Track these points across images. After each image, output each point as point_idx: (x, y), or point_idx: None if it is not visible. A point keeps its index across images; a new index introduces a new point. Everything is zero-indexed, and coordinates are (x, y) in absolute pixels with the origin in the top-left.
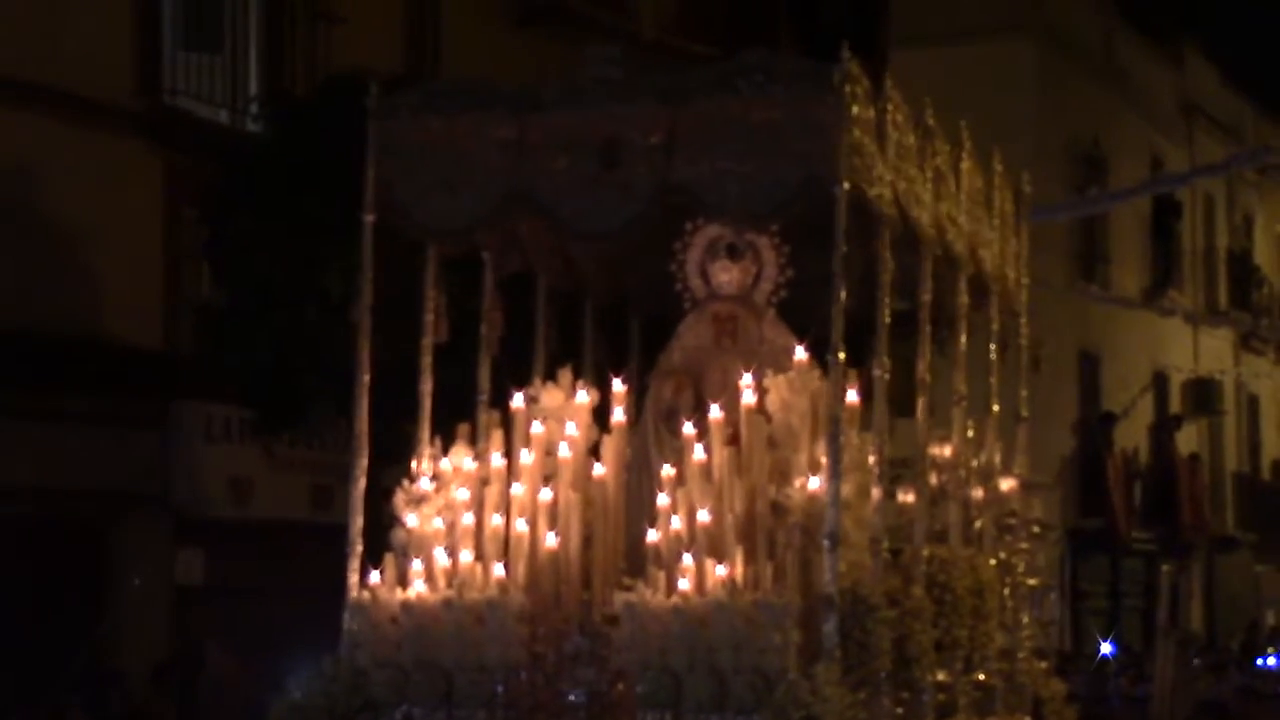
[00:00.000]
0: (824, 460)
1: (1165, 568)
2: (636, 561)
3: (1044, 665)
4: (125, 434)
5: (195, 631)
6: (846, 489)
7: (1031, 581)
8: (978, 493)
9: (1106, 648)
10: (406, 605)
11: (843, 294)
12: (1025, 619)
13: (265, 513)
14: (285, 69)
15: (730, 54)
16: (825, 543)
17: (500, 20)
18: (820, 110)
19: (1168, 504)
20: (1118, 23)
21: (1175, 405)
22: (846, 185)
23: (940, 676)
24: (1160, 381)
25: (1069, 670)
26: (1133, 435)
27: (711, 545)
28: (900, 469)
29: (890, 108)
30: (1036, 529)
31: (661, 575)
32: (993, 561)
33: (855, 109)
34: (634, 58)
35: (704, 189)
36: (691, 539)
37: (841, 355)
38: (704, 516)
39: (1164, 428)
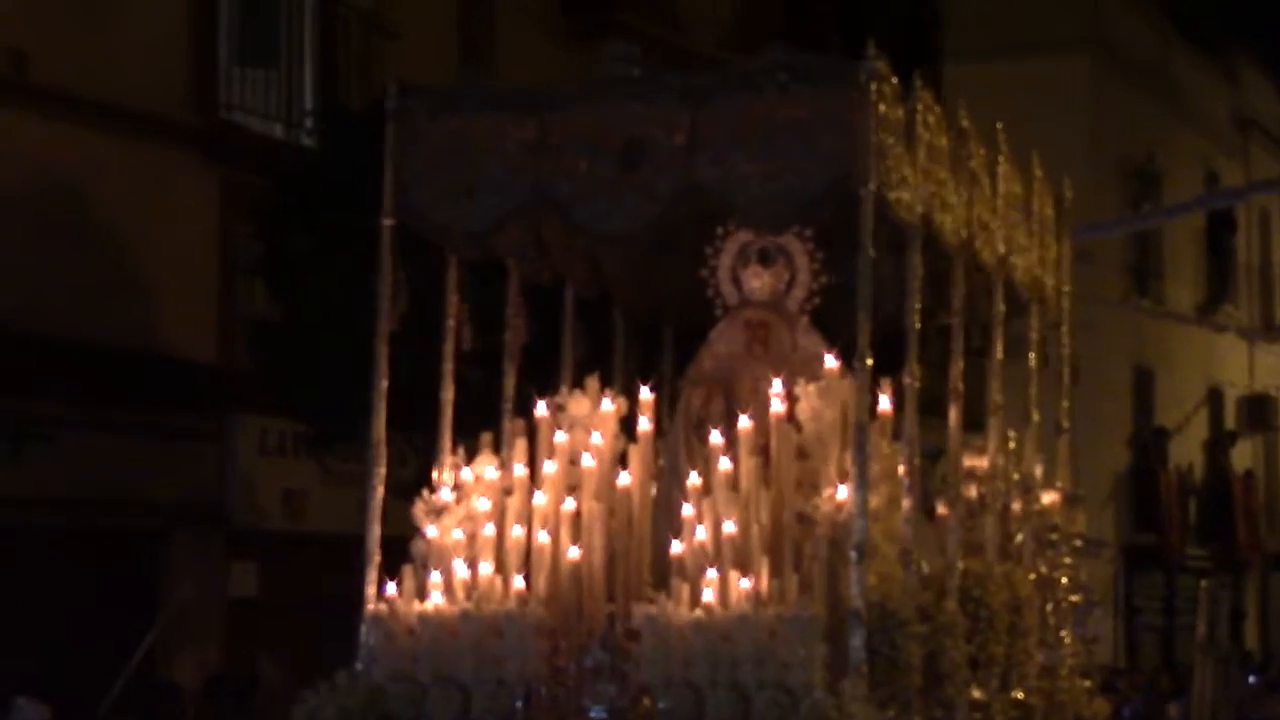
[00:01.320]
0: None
1: (1204, 583)
2: (664, 574)
3: (1088, 684)
4: (181, 448)
5: (248, 644)
6: (875, 500)
7: (1074, 597)
8: (1017, 505)
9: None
10: (424, 618)
11: (869, 299)
12: (1067, 636)
13: (318, 526)
14: (340, 83)
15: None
16: (852, 555)
17: (554, 35)
18: (846, 109)
19: (1222, 521)
20: (1173, 37)
21: (1230, 421)
22: (873, 187)
23: (976, 694)
24: (1215, 397)
25: (1120, 687)
26: (1187, 451)
27: (737, 557)
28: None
29: (921, 108)
30: (1079, 543)
31: (685, 588)
32: (1032, 576)
33: (883, 108)
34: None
35: (727, 191)
36: (716, 550)
37: (870, 362)
38: (730, 527)
39: (1219, 444)
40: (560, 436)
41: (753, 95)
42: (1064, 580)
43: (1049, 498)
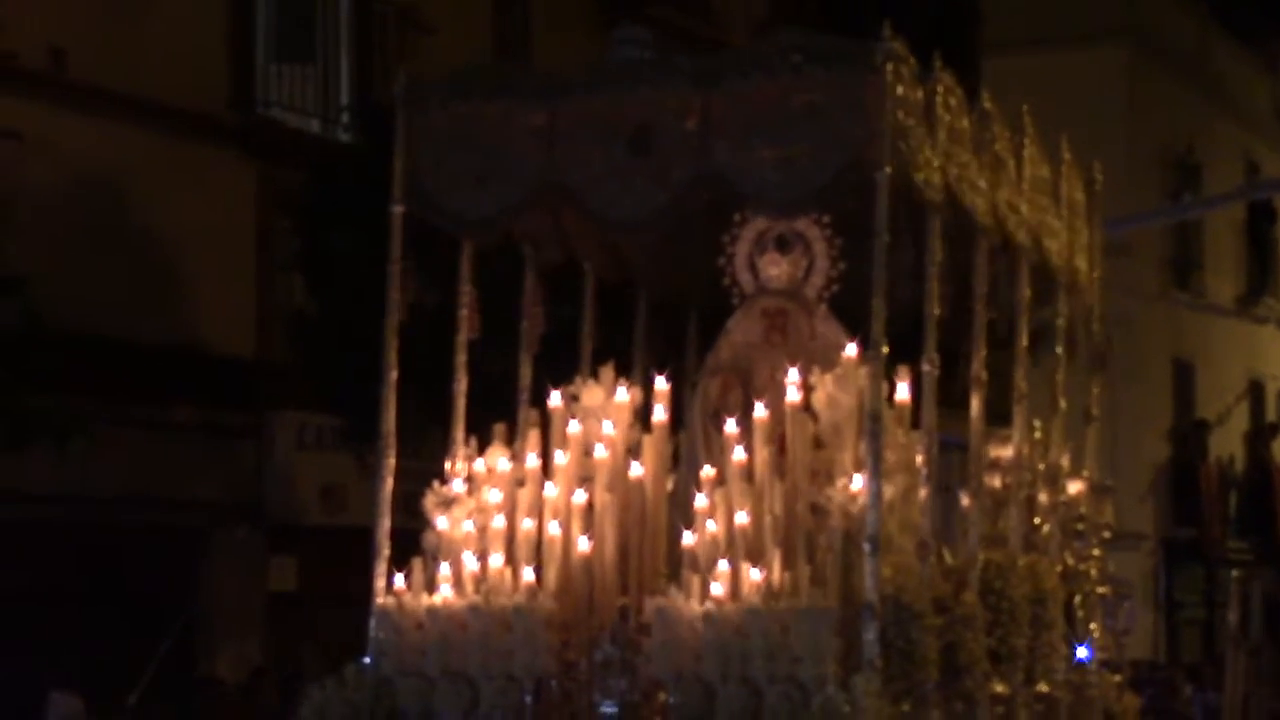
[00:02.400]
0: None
1: (1235, 573)
2: (680, 566)
3: (1117, 678)
4: (220, 443)
5: (288, 638)
6: (891, 490)
7: (1102, 589)
8: (1043, 496)
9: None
10: (432, 611)
11: (883, 284)
12: (1096, 629)
13: (357, 520)
14: (376, 79)
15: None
16: (866, 546)
17: (588, 28)
18: (862, 91)
19: (1263, 513)
20: (1211, 26)
21: (1271, 413)
22: (889, 170)
23: (998, 688)
24: (1256, 389)
25: (1154, 681)
26: (1228, 444)
27: (749, 549)
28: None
29: (941, 90)
30: (1108, 534)
31: (696, 580)
32: (1058, 568)
33: (900, 89)
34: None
35: (740, 176)
36: (728, 542)
37: (885, 349)
38: (742, 519)
39: (1259, 436)
40: (573, 427)
41: (766, 78)
42: (1092, 572)
43: (1076, 488)
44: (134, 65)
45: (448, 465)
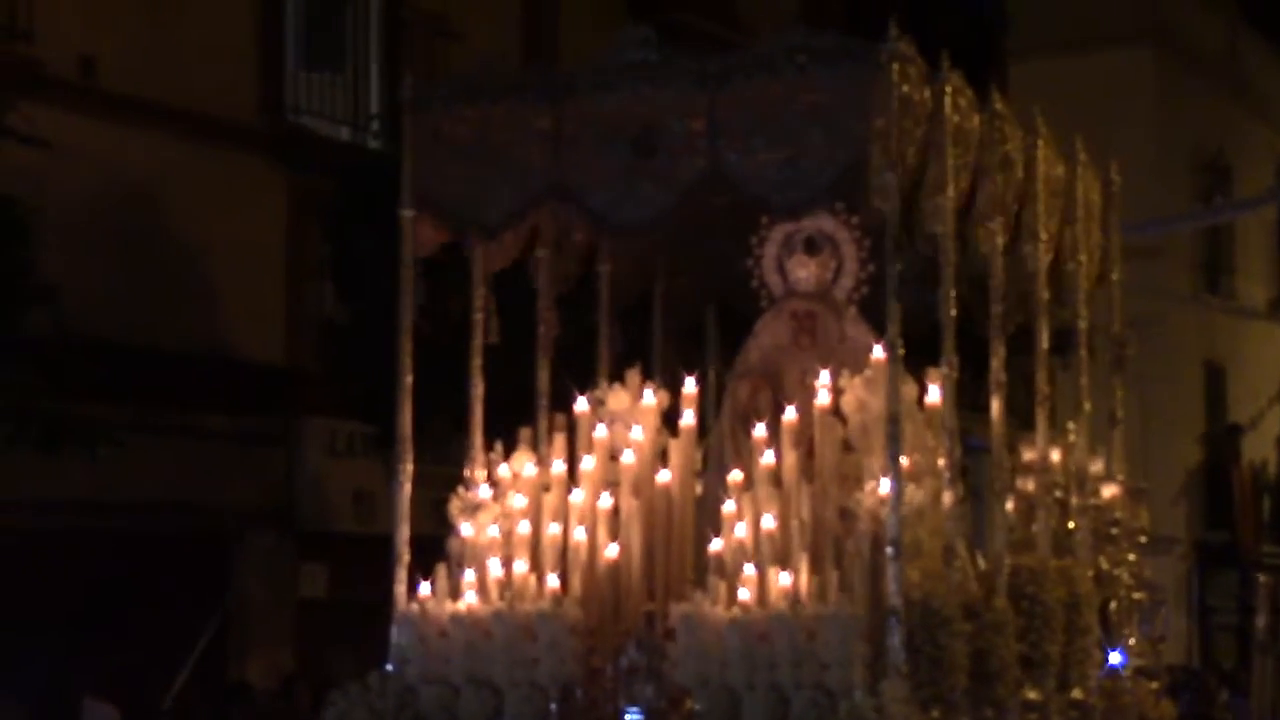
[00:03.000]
0: (902, 463)
1: (1263, 578)
2: (707, 572)
3: (1154, 685)
4: (251, 450)
5: (319, 645)
6: (919, 494)
7: (1138, 595)
8: (1075, 499)
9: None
10: (456, 618)
11: (896, 285)
12: (1131, 635)
13: (388, 527)
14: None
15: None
16: (889, 550)
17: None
18: (867, 91)
19: None
20: (1241, 28)
21: None
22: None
23: (1031, 695)
24: None
25: (1190, 686)
26: (1261, 448)
27: (776, 554)
28: None
29: (949, 90)
30: (1143, 538)
31: (722, 586)
32: (1091, 573)
33: (906, 89)
34: None
35: (745, 177)
36: (755, 547)
37: (901, 351)
38: (769, 523)
39: None
40: (599, 431)
41: (771, 78)
42: (1126, 577)
43: (1110, 491)
44: (164, 73)
45: (468, 471)
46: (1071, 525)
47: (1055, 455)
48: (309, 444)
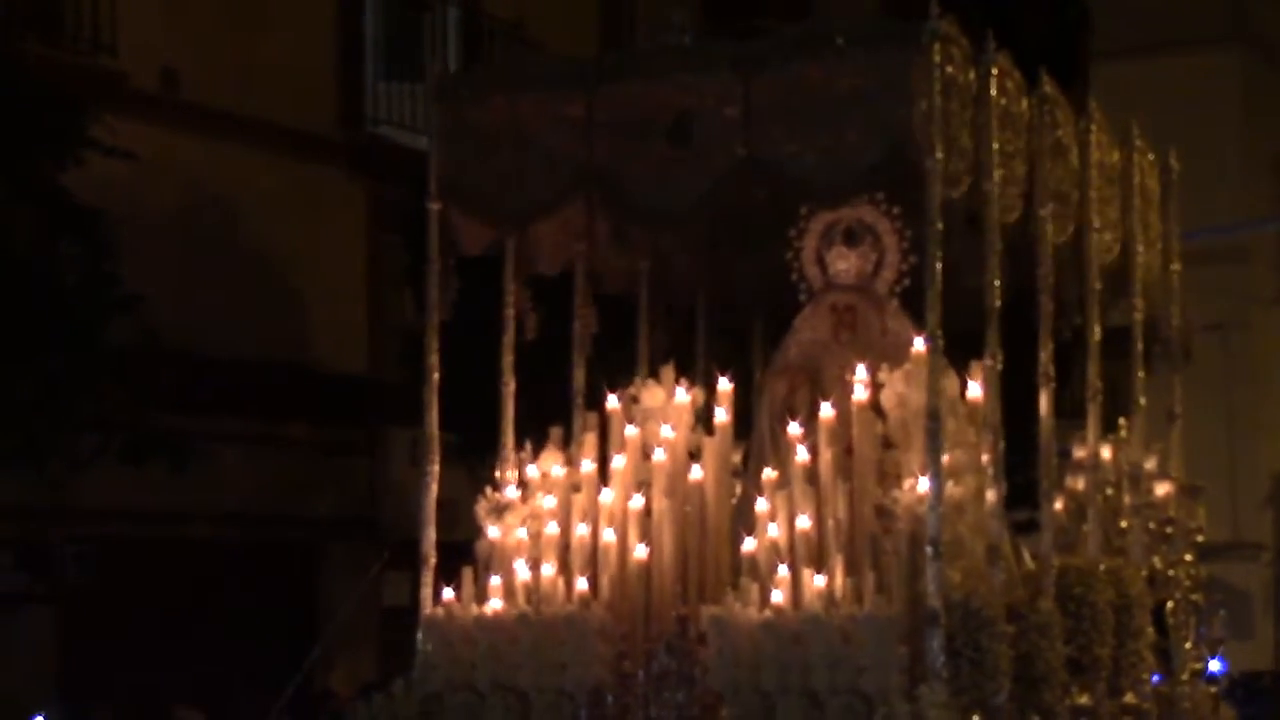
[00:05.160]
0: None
1: None
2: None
3: (1212, 689)
4: (335, 460)
5: (402, 653)
6: (960, 491)
7: (1195, 596)
8: (1128, 498)
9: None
10: (481, 622)
11: (937, 275)
12: (1188, 638)
13: (470, 534)
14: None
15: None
16: (928, 550)
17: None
18: (908, 74)
19: None
20: None
21: None
22: (940, 156)
23: (1081, 700)
24: None
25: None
26: None
27: (811, 554)
28: None
29: (996, 72)
30: (1200, 538)
31: (755, 587)
32: (1144, 573)
33: (950, 71)
34: None
35: (783, 165)
36: (789, 547)
37: (941, 342)
38: (804, 523)
39: None
40: (631, 430)
41: (810, 62)
42: (1184, 578)
43: (1163, 489)
44: (245, 85)
45: (499, 471)
46: (1124, 525)
47: (1106, 453)
48: (392, 453)
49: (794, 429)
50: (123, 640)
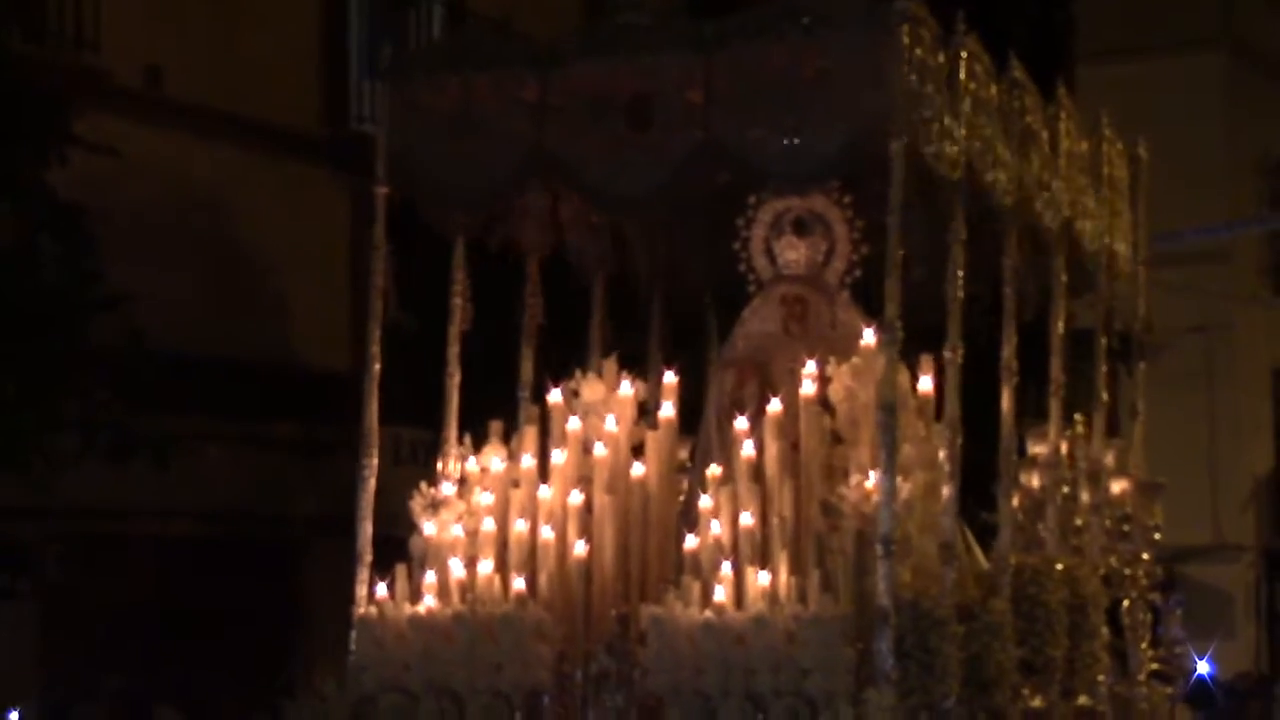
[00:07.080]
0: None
1: None
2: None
3: (1168, 690)
4: (317, 459)
5: None
6: (909, 487)
7: (1152, 596)
8: (1085, 495)
9: (1204, 667)
10: (415, 621)
11: (898, 264)
12: (1144, 638)
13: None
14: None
15: None
16: (879, 548)
17: None
18: (876, 55)
19: None
20: None
21: None
22: (905, 141)
23: (1034, 702)
24: None
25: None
26: None
27: (755, 552)
28: None
29: (965, 55)
30: (1158, 535)
31: (697, 586)
32: (1100, 572)
33: (919, 53)
34: None
35: (745, 150)
36: (733, 545)
37: (900, 334)
38: (747, 519)
39: None
40: (573, 424)
41: (773, 43)
42: (1142, 576)
43: (1120, 486)
44: (229, 83)
45: (439, 465)
46: (1079, 522)
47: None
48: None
49: (740, 423)
50: (104, 638)
